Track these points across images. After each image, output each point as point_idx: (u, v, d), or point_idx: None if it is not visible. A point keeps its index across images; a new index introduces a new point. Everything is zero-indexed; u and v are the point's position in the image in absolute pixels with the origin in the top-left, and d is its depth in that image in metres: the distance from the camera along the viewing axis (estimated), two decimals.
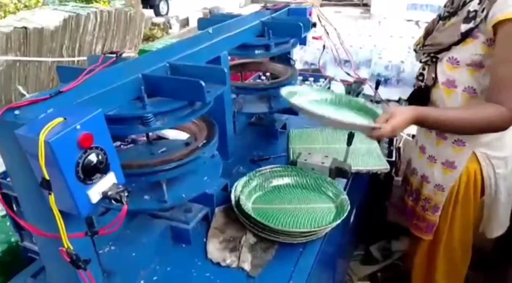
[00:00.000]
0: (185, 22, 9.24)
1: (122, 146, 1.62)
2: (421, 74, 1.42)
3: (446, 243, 1.56)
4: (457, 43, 1.24)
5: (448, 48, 1.27)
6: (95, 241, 0.96)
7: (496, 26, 1.14)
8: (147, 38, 6.79)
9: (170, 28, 8.22)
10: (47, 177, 0.67)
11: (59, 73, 1.06)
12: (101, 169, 0.74)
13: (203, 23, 1.60)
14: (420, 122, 1.24)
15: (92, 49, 2.95)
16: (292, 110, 1.90)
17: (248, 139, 1.73)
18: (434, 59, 1.34)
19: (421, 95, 1.44)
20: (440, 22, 1.34)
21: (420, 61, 1.42)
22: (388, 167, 1.54)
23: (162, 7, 10.55)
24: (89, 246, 0.88)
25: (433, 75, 1.35)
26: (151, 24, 7.40)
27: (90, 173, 0.72)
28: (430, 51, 1.34)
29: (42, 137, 0.64)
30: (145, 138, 1.26)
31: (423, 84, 1.42)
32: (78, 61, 2.71)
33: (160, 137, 1.60)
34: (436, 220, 1.54)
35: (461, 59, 1.27)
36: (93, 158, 0.72)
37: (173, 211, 1.21)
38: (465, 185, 1.44)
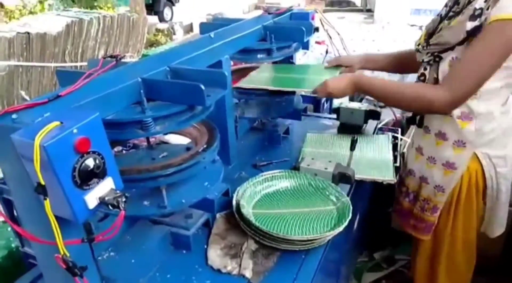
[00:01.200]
0: (189, 28, 9.30)
1: (123, 151, 1.61)
2: (423, 74, 1.40)
3: (449, 245, 1.54)
4: (462, 42, 1.22)
5: (452, 47, 1.25)
6: (94, 247, 0.94)
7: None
8: (151, 44, 6.83)
9: (174, 34, 8.28)
10: (42, 182, 0.66)
11: (59, 77, 1.05)
12: (98, 173, 0.73)
13: (205, 27, 1.60)
14: (357, 85, 1.41)
15: (95, 54, 2.97)
16: (295, 115, 1.89)
17: (251, 144, 1.71)
18: (437, 59, 1.32)
19: None
20: (445, 21, 1.32)
21: (422, 61, 1.40)
22: (395, 179, 1.52)
23: (166, 13, 10.65)
24: (87, 253, 0.86)
25: (435, 75, 1.33)
26: (155, 30, 7.45)
27: (87, 178, 0.71)
28: (435, 50, 1.31)
29: (37, 141, 0.63)
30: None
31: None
32: (80, 66, 2.71)
33: (163, 143, 1.59)
34: (435, 220, 1.52)
35: None
36: (90, 162, 0.71)
37: (174, 216, 1.20)
38: (467, 185, 1.42)
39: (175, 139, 1.58)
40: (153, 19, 8.67)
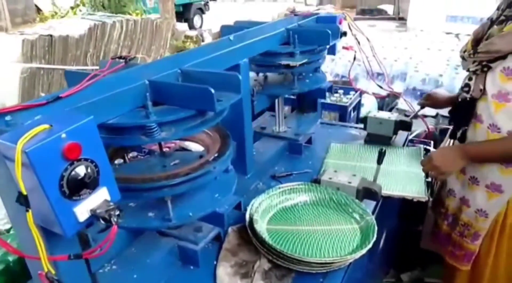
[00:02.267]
0: (217, 35, 9.35)
1: (138, 156, 1.55)
2: (467, 84, 1.27)
3: (491, 277, 1.38)
4: None
5: (504, 56, 1.12)
6: (95, 260, 0.88)
7: None
8: (180, 51, 6.87)
9: (203, 41, 8.33)
10: (23, 192, 0.59)
11: (67, 78, 1.00)
12: (90, 183, 0.66)
13: (226, 30, 1.53)
14: (468, 154, 1.24)
15: None
16: (319, 93, 1.78)
17: (270, 153, 1.61)
18: (485, 69, 1.18)
19: (465, 108, 1.28)
20: (495, 27, 1.18)
21: (468, 70, 1.26)
22: (426, 196, 1.38)
23: (196, 21, 10.81)
24: (81, 268, 0.79)
25: (481, 86, 1.19)
26: (184, 37, 7.52)
27: (77, 187, 0.64)
28: (483, 59, 1.18)
29: (19, 146, 0.57)
30: (167, 149, 1.18)
31: (468, 96, 1.26)
32: None
33: (184, 149, 1.51)
34: (476, 249, 1.37)
35: None
36: (80, 171, 0.64)
37: (182, 229, 1.12)
38: None
39: (195, 146, 1.50)
40: (183, 26, 8.77)
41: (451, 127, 1.44)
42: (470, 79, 1.26)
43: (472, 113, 1.27)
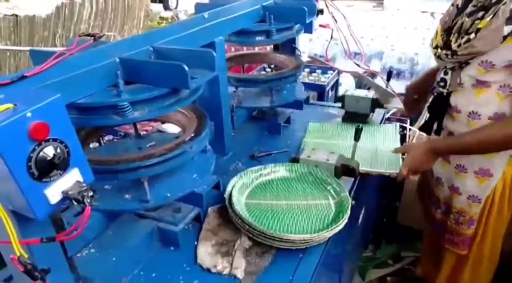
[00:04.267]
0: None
1: (114, 140, 1.52)
2: (443, 79, 1.24)
3: (475, 256, 1.41)
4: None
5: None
6: (71, 244, 0.86)
7: None
8: None
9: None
10: None
11: (32, 57, 0.95)
12: (60, 164, 0.63)
13: (200, 8, 1.48)
14: (436, 151, 1.26)
15: None
16: (297, 105, 1.78)
17: (249, 133, 1.61)
18: (463, 65, 1.16)
19: (442, 102, 1.26)
20: (467, 19, 1.13)
21: (445, 68, 1.23)
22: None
23: (171, 1, 10.48)
24: (56, 251, 0.77)
25: (459, 80, 1.17)
26: (159, 18, 7.31)
27: (46, 169, 0.62)
28: (464, 60, 1.15)
29: None
30: (144, 132, 1.15)
31: (445, 90, 1.24)
32: None
33: (161, 132, 1.49)
34: (473, 233, 1.36)
35: (497, 62, 1.08)
36: (49, 151, 0.61)
37: (161, 210, 1.11)
38: (500, 193, 1.27)
39: (173, 128, 1.48)
40: (157, 7, 8.51)
41: (423, 121, 1.41)
42: (446, 73, 1.23)
43: (447, 106, 1.25)
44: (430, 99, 1.33)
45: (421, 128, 1.43)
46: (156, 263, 1.05)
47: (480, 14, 1.09)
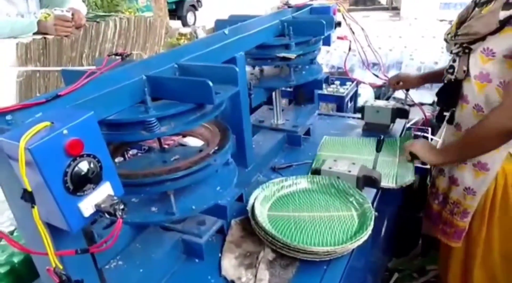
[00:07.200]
0: (211, 32, 9.31)
1: (138, 154, 1.56)
2: (451, 66, 1.30)
3: (484, 255, 1.40)
4: (494, 32, 1.11)
5: (483, 38, 1.14)
6: (100, 256, 0.88)
7: None
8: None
9: (197, 37, 8.30)
10: (28, 188, 0.60)
11: (64, 77, 1.00)
12: (93, 178, 0.66)
13: (220, 24, 1.53)
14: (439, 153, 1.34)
15: None
16: (316, 84, 1.80)
17: (269, 145, 1.62)
18: (466, 50, 1.21)
19: (451, 89, 1.32)
20: (476, 9, 1.20)
21: (451, 52, 1.29)
22: (413, 178, 1.40)
23: (189, 18, 10.75)
24: (87, 263, 0.80)
25: (465, 68, 1.23)
26: (178, 34, 7.49)
27: (80, 183, 0.65)
28: (463, 41, 1.20)
29: (22, 143, 0.57)
30: (166, 146, 1.18)
31: (453, 77, 1.30)
32: None
33: (183, 146, 1.52)
34: (465, 226, 1.40)
35: (497, 51, 1.13)
36: (83, 166, 0.64)
37: (185, 223, 1.13)
38: (503, 188, 1.29)
39: (194, 141, 1.51)
40: (176, 23, 8.74)
41: (438, 109, 1.47)
42: (454, 61, 1.29)
43: (458, 94, 1.29)
44: (439, 87, 1.41)
45: (436, 118, 1.50)
46: (182, 275, 1.07)
47: (489, 4, 1.15)
